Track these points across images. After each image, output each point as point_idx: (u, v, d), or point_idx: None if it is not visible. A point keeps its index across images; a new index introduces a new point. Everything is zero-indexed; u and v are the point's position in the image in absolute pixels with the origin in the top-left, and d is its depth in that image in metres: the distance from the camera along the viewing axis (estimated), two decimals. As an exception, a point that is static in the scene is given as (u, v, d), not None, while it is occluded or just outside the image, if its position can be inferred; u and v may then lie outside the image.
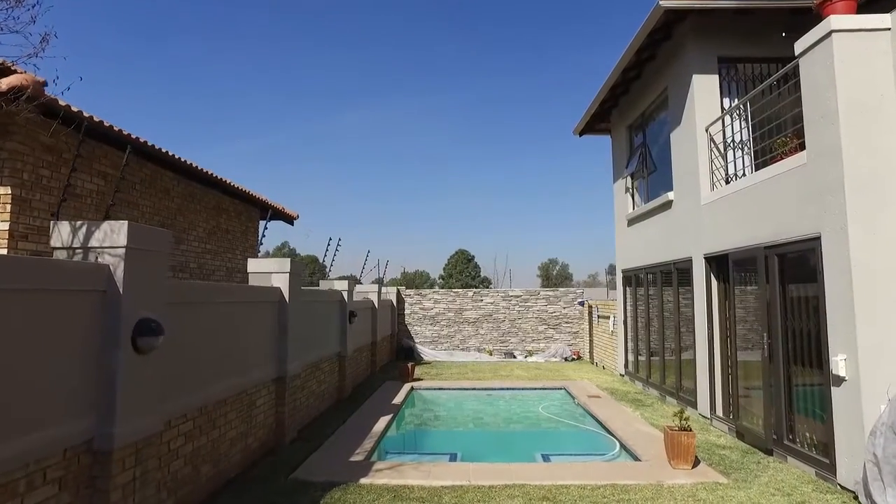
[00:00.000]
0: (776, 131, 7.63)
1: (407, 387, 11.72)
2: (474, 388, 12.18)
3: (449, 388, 12.16)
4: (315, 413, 8.81)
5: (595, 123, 13.68)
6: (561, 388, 11.99)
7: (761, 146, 7.47)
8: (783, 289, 6.59)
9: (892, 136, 5.46)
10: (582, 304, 17.66)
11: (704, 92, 8.75)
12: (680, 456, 6.19)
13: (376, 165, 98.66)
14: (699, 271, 8.75)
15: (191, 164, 9.31)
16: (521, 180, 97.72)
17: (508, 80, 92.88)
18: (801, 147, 6.64)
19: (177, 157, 8.86)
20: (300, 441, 7.34)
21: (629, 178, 12.56)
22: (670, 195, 9.81)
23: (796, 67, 6.33)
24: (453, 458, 7.09)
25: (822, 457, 5.86)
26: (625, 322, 12.89)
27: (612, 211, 13.86)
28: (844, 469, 5.46)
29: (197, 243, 10.70)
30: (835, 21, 5.57)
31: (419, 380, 12.82)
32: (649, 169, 11.48)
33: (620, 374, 13.16)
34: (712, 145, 8.64)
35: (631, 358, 12.58)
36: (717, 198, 8.18)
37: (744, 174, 8.43)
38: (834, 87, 5.54)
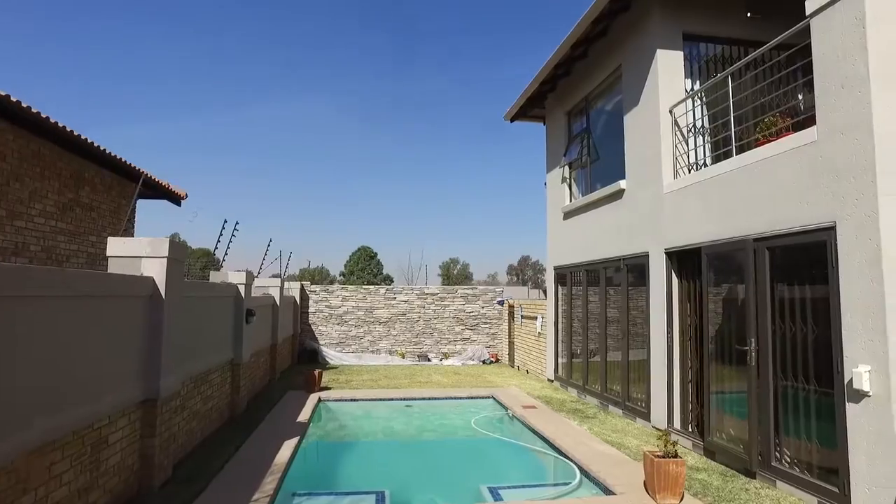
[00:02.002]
0: (751, 117, 6.86)
1: (313, 398, 9.94)
2: (391, 399, 10.62)
3: (363, 399, 10.52)
4: (199, 438, 6.88)
5: (529, 108, 12.63)
6: (489, 397, 10.76)
7: (744, 126, 6.62)
8: (774, 288, 5.71)
9: (919, 110, 4.68)
10: (502, 303, 16.67)
11: (669, 69, 7.85)
12: (667, 488, 5.08)
13: (284, 160, 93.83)
14: (658, 268, 7.84)
15: (31, 109, 6.98)
16: (424, 179, 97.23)
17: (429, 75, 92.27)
18: (795, 128, 5.82)
19: (9, 97, 6.54)
20: (176, 483, 5.46)
21: (566, 168, 11.62)
22: (622, 184, 8.88)
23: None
24: (381, 499, 5.53)
25: (828, 484, 4.99)
26: (556, 323, 11.94)
27: (520, 206, 13.02)
28: (862, 500, 4.59)
29: (43, 220, 8.26)
30: (868, -30, 4.70)
31: (327, 388, 11.06)
32: (592, 157, 10.57)
33: (549, 380, 12.19)
34: (676, 129, 7.76)
35: (562, 362, 11.64)
36: (683, 185, 7.28)
37: (705, 164, 7.66)
38: (864, 50, 4.65)
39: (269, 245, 13.15)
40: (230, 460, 6.22)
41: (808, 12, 5.22)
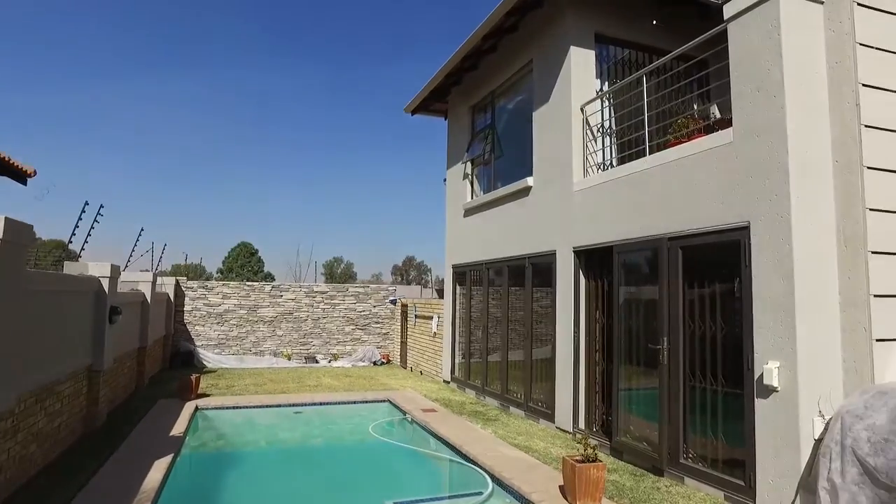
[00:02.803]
0: (656, 121, 6.98)
1: (189, 407, 8.80)
2: (279, 405, 9.71)
3: (246, 407, 9.52)
4: (39, 465, 5.66)
5: (432, 102, 12.26)
6: (385, 401, 10.21)
7: (654, 128, 6.68)
8: (687, 287, 5.77)
9: (824, 117, 4.89)
10: (394, 302, 16.17)
11: (581, 67, 7.83)
12: (588, 494, 4.89)
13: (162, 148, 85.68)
14: (565, 267, 7.78)
15: None
16: (309, 176, 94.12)
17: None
18: (706, 130, 5.94)
19: None
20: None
21: (469, 164, 11.39)
22: (529, 181, 8.76)
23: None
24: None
25: (734, 478, 5.08)
26: (454, 323, 11.68)
27: (407, 204, 12.60)
28: (767, 491, 4.69)
29: None
30: (785, -22, 4.82)
31: (205, 395, 9.89)
32: (496, 154, 10.41)
33: (445, 381, 11.90)
34: (587, 128, 7.75)
35: (460, 362, 11.39)
36: (595, 184, 7.25)
37: (612, 164, 7.73)
38: (779, 56, 4.76)
39: (139, 235, 11.62)
40: (81, 491, 5.14)
41: (725, 17, 5.30)
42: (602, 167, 7.79)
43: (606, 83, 8.15)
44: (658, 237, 6.03)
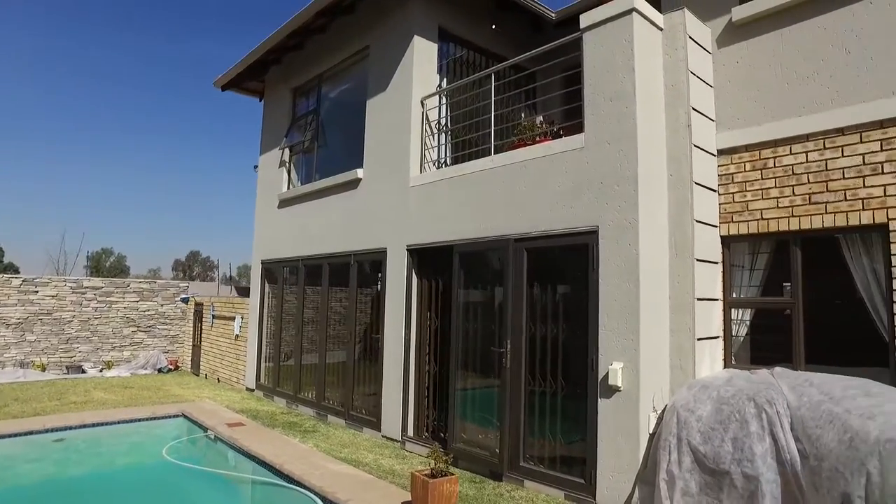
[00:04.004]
0: (495, 122, 7.01)
1: None
2: (29, 432, 7.53)
3: (-18, 437, 7.26)
4: None
5: (246, 79, 10.92)
6: (179, 415, 8.69)
7: (492, 130, 6.63)
8: (530, 289, 5.79)
9: (662, 133, 5.26)
10: (186, 300, 14.19)
11: (424, 59, 7.53)
12: (440, 510, 4.54)
13: None
14: (398, 266, 7.39)
15: None
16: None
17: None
18: (554, 135, 6.05)
19: None
20: None
21: (287, 151, 10.37)
22: (359, 173, 8.20)
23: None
24: None
25: (574, 476, 5.18)
26: (261, 325, 10.54)
27: (195, 194, 11.31)
28: (606, 487, 4.85)
29: None
30: (638, 1, 5.05)
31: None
32: (320, 142, 9.62)
33: (249, 390, 10.66)
34: (426, 122, 7.47)
35: (269, 368, 10.30)
36: (435, 180, 6.99)
37: (446, 162, 7.60)
38: (632, 71, 4.98)
39: None
40: None
41: (581, 26, 5.42)
42: (438, 164, 7.60)
43: (445, 80, 7.99)
44: (503, 238, 5.97)
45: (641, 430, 4.71)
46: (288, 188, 10.29)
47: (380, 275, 7.88)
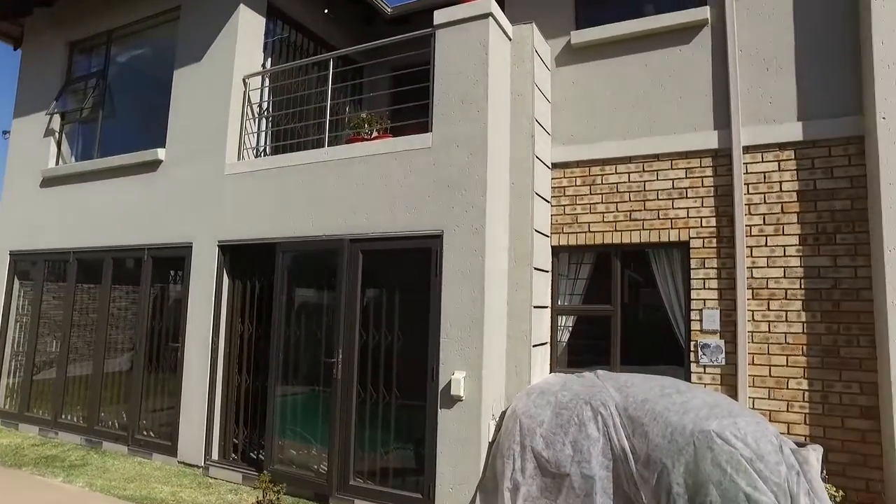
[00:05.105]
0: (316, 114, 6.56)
1: None
2: None
3: None
4: None
5: (-1, 18, 8.64)
6: None
7: (319, 122, 6.12)
8: (368, 294, 5.40)
9: (507, 140, 5.33)
10: None
11: (251, 32, 6.69)
12: (267, 549, 3.90)
13: None
14: (206, 263, 6.40)
15: None
16: None
17: None
18: (395, 132, 5.79)
19: None
20: None
21: (57, 119, 8.43)
22: (160, 154, 6.95)
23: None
24: None
25: (410, 491, 4.91)
26: (5, 332, 8.36)
27: None
28: (445, 499, 4.69)
29: None
30: (494, 6, 5.05)
31: None
32: (105, 112, 8.01)
33: (-17, 415, 8.35)
34: (248, 104, 6.63)
35: (11, 385, 8.19)
36: (257, 169, 6.20)
37: (265, 151, 6.88)
38: (486, 75, 4.93)
39: None
40: None
41: (436, 22, 5.22)
42: (257, 152, 6.81)
43: (270, 61, 7.22)
44: (338, 238, 5.49)
45: (483, 440, 4.64)
46: (58, 163, 8.34)
47: (181, 273, 6.76)
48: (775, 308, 4.73)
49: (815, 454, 4.08)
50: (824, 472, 4.10)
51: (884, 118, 4.44)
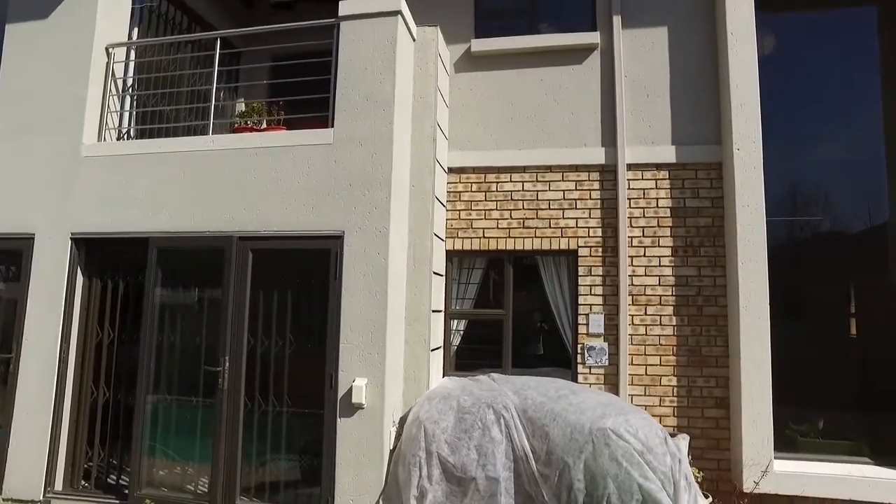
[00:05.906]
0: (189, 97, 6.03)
1: None
2: None
3: None
4: None
5: None
6: None
7: (200, 106, 5.57)
8: (259, 296, 5.00)
9: (409, 142, 5.27)
10: None
11: (115, -5, 5.87)
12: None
13: None
14: (54, 259, 5.49)
15: None
16: None
17: None
18: (287, 124, 5.44)
19: None
20: None
21: None
22: (-10, 127, 5.84)
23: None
24: None
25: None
26: None
27: None
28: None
29: None
30: (403, 4, 4.95)
31: None
32: None
33: None
34: (113, 79, 5.83)
35: None
36: (127, 153, 5.46)
37: (129, 134, 6.14)
38: (393, 73, 4.83)
39: None
40: None
41: (340, 14, 4.99)
42: (119, 134, 6.03)
43: (136, 32, 6.41)
44: (224, 235, 5.03)
45: (385, 448, 4.54)
46: None
47: (14, 269, 5.74)
48: (651, 313, 5.24)
49: (684, 442, 4.61)
50: (690, 456, 4.62)
51: (738, 149, 5.12)
